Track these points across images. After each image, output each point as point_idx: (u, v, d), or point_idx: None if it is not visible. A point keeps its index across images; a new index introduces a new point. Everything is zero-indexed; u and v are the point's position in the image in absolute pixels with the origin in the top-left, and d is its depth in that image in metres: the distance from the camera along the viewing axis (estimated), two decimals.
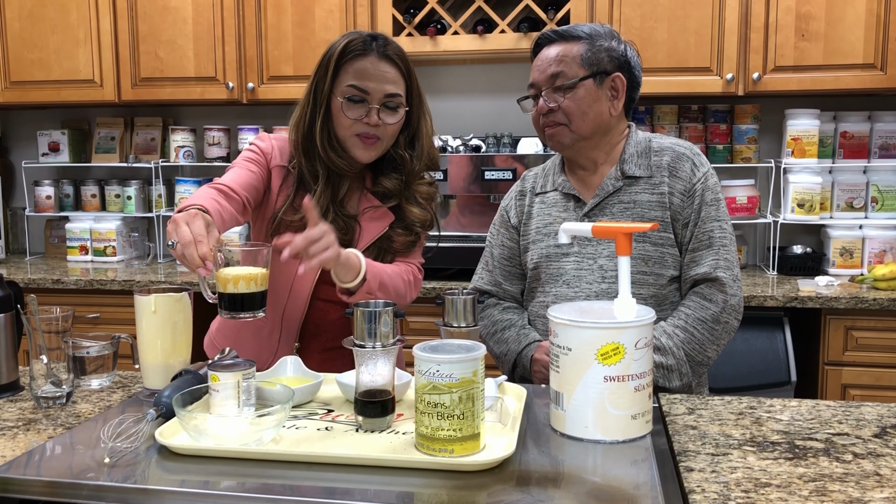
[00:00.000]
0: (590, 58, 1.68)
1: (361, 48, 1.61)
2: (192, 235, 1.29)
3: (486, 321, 1.82)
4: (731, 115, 3.12)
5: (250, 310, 1.33)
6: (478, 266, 1.91)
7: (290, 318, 1.69)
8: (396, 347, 1.25)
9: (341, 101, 1.61)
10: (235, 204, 1.56)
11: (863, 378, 2.59)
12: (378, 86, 1.60)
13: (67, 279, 3.00)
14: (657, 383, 1.61)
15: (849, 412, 1.35)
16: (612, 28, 1.75)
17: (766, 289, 2.68)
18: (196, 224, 1.31)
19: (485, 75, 3.36)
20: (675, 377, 1.64)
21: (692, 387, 1.71)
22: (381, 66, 1.61)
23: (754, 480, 1.07)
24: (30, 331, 1.41)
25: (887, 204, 2.98)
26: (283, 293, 1.68)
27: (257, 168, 1.66)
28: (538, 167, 1.90)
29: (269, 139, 1.72)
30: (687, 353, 1.64)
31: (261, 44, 3.14)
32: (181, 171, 3.56)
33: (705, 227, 1.68)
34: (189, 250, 1.28)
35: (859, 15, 2.75)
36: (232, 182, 1.59)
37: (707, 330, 1.65)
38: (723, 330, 1.67)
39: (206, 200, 1.47)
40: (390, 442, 1.19)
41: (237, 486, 1.06)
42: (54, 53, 3.28)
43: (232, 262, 1.32)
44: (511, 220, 1.85)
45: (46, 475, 1.10)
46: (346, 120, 1.61)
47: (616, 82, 1.70)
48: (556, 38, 1.73)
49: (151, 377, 1.45)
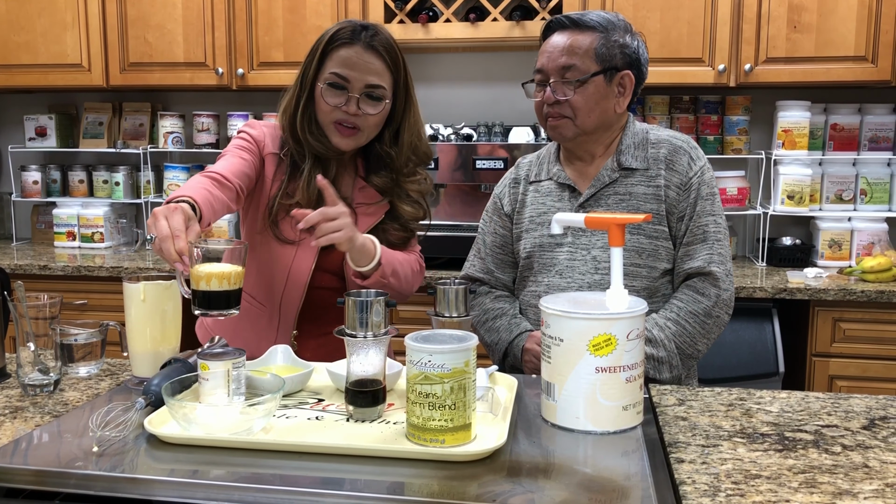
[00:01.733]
0: (603, 53, 1.66)
1: (349, 37, 1.61)
2: (170, 230, 1.28)
3: (478, 309, 1.81)
4: (722, 106, 3.13)
5: (223, 308, 1.30)
6: (469, 254, 1.91)
7: (288, 306, 1.69)
8: (388, 337, 1.24)
9: (322, 86, 1.62)
10: (228, 192, 1.55)
11: (850, 369, 2.60)
12: (360, 75, 1.60)
13: (55, 265, 2.97)
14: (648, 374, 1.61)
15: (838, 404, 1.36)
16: (626, 20, 1.72)
17: (755, 280, 2.69)
18: (175, 218, 1.30)
19: (477, 63, 3.35)
20: (666, 369, 1.64)
21: (682, 378, 1.72)
22: (365, 56, 1.61)
23: (744, 472, 1.07)
24: (16, 317, 1.39)
25: (876, 196, 3.00)
26: (281, 281, 1.68)
27: (249, 156, 1.65)
28: (532, 155, 1.89)
29: (260, 126, 1.71)
30: (678, 346, 1.64)
31: (251, 29, 3.11)
32: (170, 157, 3.53)
33: (700, 222, 1.68)
34: (166, 245, 1.27)
35: (851, 7, 2.75)
36: (224, 170, 1.58)
37: (699, 323, 1.65)
38: (714, 324, 1.67)
39: (197, 191, 1.46)
40: (381, 432, 1.18)
41: (227, 476, 1.05)
42: (41, 37, 3.24)
43: (209, 259, 1.30)
44: (504, 207, 1.84)
45: (33, 464, 1.09)
46: (326, 106, 1.62)
47: (625, 80, 1.69)
48: (570, 24, 1.69)
49: (140, 365, 1.44)
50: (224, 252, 1.30)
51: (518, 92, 2.83)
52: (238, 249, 1.31)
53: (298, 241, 1.66)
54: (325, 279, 1.69)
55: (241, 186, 1.60)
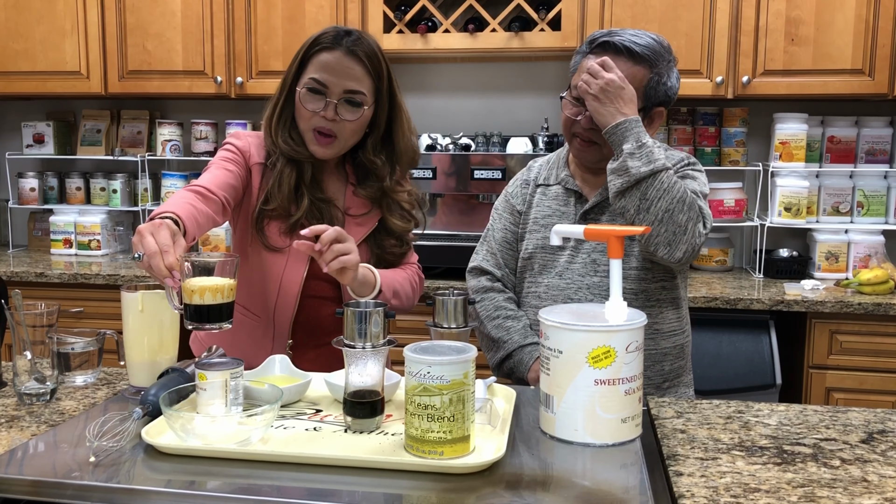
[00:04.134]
0: (650, 95, 1.66)
1: (330, 42, 1.61)
2: (158, 246, 1.26)
3: (488, 304, 1.80)
4: (719, 118, 3.14)
5: (216, 321, 1.28)
6: (479, 246, 1.91)
7: (281, 317, 1.68)
8: (386, 348, 1.24)
9: (300, 91, 1.62)
10: (213, 205, 1.54)
11: (847, 382, 2.60)
12: (338, 81, 1.60)
13: (51, 272, 2.97)
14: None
15: (836, 417, 1.36)
16: (670, 46, 1.70)
17: (752, 292, 2.69)
18: (161, 234, 1.28)
19: (475, 74, 3.35)
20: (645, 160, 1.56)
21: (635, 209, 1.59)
22: (345, 61, 1.60)
23: (743, 485, 1.07)
24: (13, 325, 1.39)
25: (873, 209, 3.01)
26: (273, 291, 1.67)
27: (235, 167, 1.65)
28: (544, 158, 1.91)
29: (245, 137, 1.71)
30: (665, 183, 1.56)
31: (250, 38, 3.11)
32: (168, 165, 3.53)
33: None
34: (155, 261, 1.25)
35: (848, 20, 2.76)
36: (209, 183, 1.57)
37: (682, 199, 1.56)
38: (689, 213, 1.56)
39: (181, 206, 1.44)
40: (379, 443, 1.18)
41: (224, 487, 1.05)
42: (40, 44, 3.24)
43: (199, 273, 1.28)
44: (517, 205, 1.85)
45: (30, 474, 1.09)
46: (306, 112, 1.62)
47: (654, 115, 1.71)
48: (624, 52, 1.65)
49: (137, 374, 1.43)
50: (215, 265, 1.28)
51: (516, 102, 2.85)
52: (229, 262, 1.30)
53: (287, 250, 1.65)
54: (319, 287, 1.67)
55: (227, 199, 1.59)
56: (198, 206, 1.49)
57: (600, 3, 2.87)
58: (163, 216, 1.37)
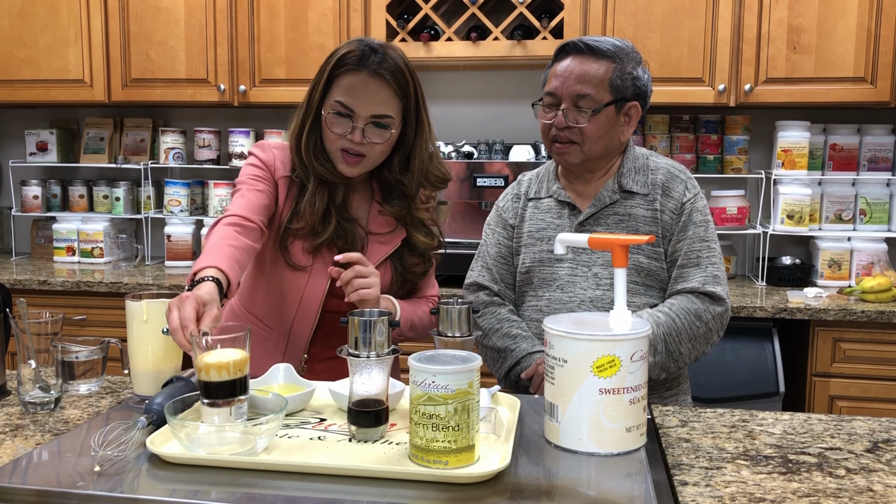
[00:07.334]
0: (617, 85, 1.68)
1: (355, 63, 1.56)
2: (179, 321, 1.26)
3: (491, 317, 1.80)
4: (722, 126, 3.14)
5: (225, 397, 1.20)
6: (473, 262, 1.90)
7: (299, 331, 1.68)
8: (391, 357, 1.24)
9: (326, 114, 1.59)
10: (252, 234, 1.54)
11: (850, 390, 2.60)
12: (365, 105, 1.56)
13: (54, 280, 2.97)
14: None
15: (840, 426, 1.36)
16: (635, 49, 1.74)
17: (755, 300, 2.69)
18: (185, 309, 1.27)
19: (478, 82, 3.36)
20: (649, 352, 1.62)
21: (666, 380, 1.71)
22: (371, 84, 1.56)
23: (748, 495, 1.07)
24: (17, 334, 1.39)
25: (875, 216, 3.00)
26: (292, 307, 1.67)
27: (265, 185, 1.63)
28: (533, 172, 1.91)
29: (270, 149, 1.69)
30: (665, 336, 1.63)
31: (253, 46, 3.12)
32: (170, 173, 3.53)
33: (694, 247, 1.70)
34: (177, 337, 1.26)
35: (850, 28, 2.77)
36: (245, 210, 1.56)
37: (688, 322, 1.65)
38: (703, 329, 1.66)
39: (220, 251, 1.43)
40: (384, 452, 1.18)
41: (229, 496, 1.05)
42: (44, 52, 3.25)
43: (213, 347, 1.23)
44: (509, 220, 1.85)
45: (34, 483, 1.08)
46: (332, 134, 1.60)
47: (632, 110, 1.72)
48: (586, 50, 1.69)
49: (142, 383, 1.43)
50: (223, 341, 1.23)
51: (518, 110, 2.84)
52: (239, 337, 1.24)
53: (310, 268, 1.64)
54: (338, 304, 1.65)
55: (264, 221, 1.58)
56: (238, 244, 1.48)
57: (602, 11, 2.88)
58: (202, 275, 1.37)
